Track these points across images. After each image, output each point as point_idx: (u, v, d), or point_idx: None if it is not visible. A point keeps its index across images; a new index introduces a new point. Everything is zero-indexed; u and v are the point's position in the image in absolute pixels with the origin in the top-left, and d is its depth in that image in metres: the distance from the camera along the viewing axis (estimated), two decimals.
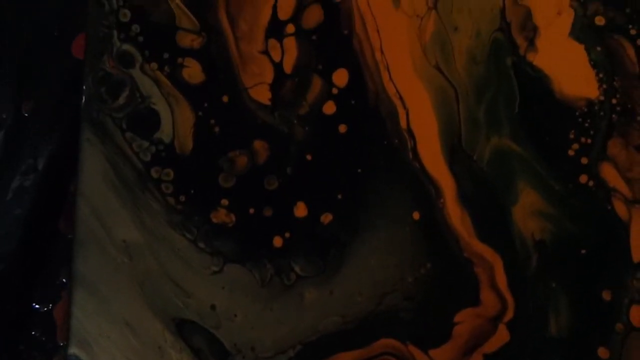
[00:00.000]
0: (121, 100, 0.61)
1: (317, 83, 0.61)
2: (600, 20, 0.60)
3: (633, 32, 0.61)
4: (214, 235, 0.59)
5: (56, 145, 0.75)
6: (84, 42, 0.68)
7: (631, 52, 0.61)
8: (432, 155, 0.60)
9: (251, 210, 0.59)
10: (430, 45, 0.62)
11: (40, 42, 0.81)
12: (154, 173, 0.59)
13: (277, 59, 0.61)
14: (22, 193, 0.77)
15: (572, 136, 0.60)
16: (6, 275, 0.76)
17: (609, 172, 0.60)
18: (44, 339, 0.70)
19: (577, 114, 0.61)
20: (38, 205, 0.77)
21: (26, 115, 0.80)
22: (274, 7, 0.63)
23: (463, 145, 0.60)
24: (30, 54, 0.81)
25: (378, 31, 0.62)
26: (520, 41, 0.62)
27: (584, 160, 0.59)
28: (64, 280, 0.70)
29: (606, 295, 0.58)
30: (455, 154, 0.60)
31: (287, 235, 0.59)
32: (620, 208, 0.59)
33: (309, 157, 0.59)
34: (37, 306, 0.68)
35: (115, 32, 0.62)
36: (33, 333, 0.70)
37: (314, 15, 0.62)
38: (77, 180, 0.60)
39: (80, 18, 0.74)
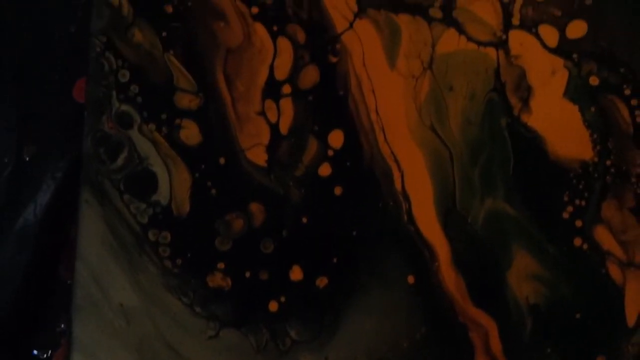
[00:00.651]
0: (119, 161, 0.59)
1: (313, 144, 0.59)
2: (594, 80, 0.58)
3: (627, 92, 0.59)
4: (210, 299, 0.56)
5: (57, 190, 0.72)
6: (84, 86, 0.67)
7: (625, 112, 0.59)
8: (426, 218, 0.58)
9: (247, 274, 0.57)
10: (425, 106, 0.59)
11: (42, 85, 0.78)
12: (151, 236, 0.57)
13: (273, 119, 0.59)
14: (23, 238, 0.75)
15: (566, 198, 0.57)
16: (6, 321, 0.74)
17: (603, 235, 0.57)
18: None
19: (571, 175, 0.59)
20: (38, 251, 0.75)
21: (27, 159, 0.77)
22: (271, 67, 0.60)
23: (458, 207, 0.58)
24: (31, 98, 0.79)
25: (373, 92, 0.60)
26: (515, 102, 0.59)
27: (578, 223, 0.57)
28: (63, 326, 0.67)
29: None
30: (449, 216, 0.58)
31: (282, 299, 0.57)
32: (614, 271, 0.57)
33: (304, 220, 0.57)
34: (36, 352, 0.65)
35: (114, 93, 0.59)
36: None
37: (310, 76, 0.60)
38: (76, 229, 0.58)
39: (81, 62, 0.70)
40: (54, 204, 0.74)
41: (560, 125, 0.60)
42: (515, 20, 0.63)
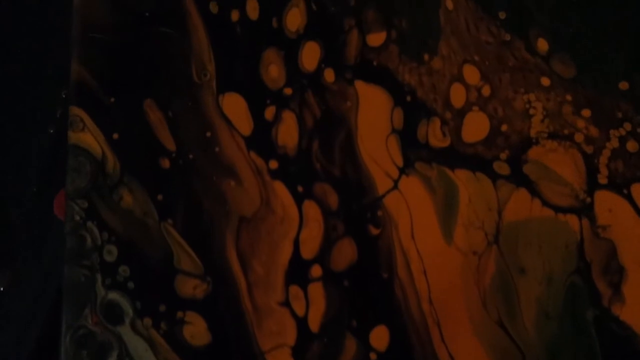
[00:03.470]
0: None
1: (351, 346, 0.38)
2: None
3: None
4: None
5: (40, 327, 0.56)
6: (65, 200, 0.46)
7: None
8: None
9: None
10: (491, 293, 0.36)
11: (17, 201, 0.59)
12: None
13: (300, 312, 0.36)
14: None
15: None
16: None
17: None
18: None
19: None
20: None
21: (1, 289, 0.58)
22: (296, 242, 0.36)
23: None
24: (5, 216, 0.59)
25: (425, 274, 0.37)
26: (603, 288, 0.37)
27: None
28: None
29: None
30: None
31: None
32: None
33: None
34: None
35: (99, 277, 0.35)
36: None
37: (345, 253, 0.37)
38: None
39: (61, 172, 0.49)
40: (37, 343, 0.52)
41: None
42: (602, 178, 0.40)
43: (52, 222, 0.59)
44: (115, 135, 0.46)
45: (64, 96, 0.60)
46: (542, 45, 0.47)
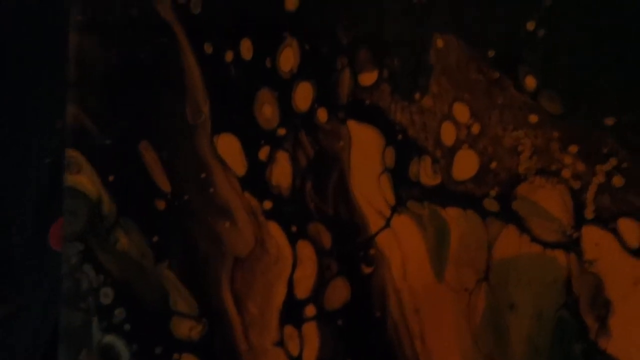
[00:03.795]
0: None
1: None
2: None
3: None
4: None
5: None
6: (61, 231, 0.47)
7: None
8: None
9: None
10: (482, 329, 0.37)
11: (12, 232, 0.57)
12: None
13: (294, 352, 0.37)
14: None
15: None
16: None
17: None
18: None
19: None
20: None
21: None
22: (290, 283, 0.36)
23: None
24: (2, 246, 0.58)
25: (418, 312, 0.36)
26: (591, 322, 0.37)
27: None
28: None
29: None
30: None
31: None
32: None
33: None
34: None
35: (95, 319, 0.35)
36: None
37: (338, 293, 0.37)
38: None
39: (58, 203, 0.49)
40: None
41: None
42: (589, 213, 0.40)
43: (49, 252, 0.58)
44: (111, 177, 0.45)
45: (59, 127, 0.59)
46: (530, 82, 0.47)
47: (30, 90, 0.62)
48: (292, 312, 0.44)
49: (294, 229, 0.45)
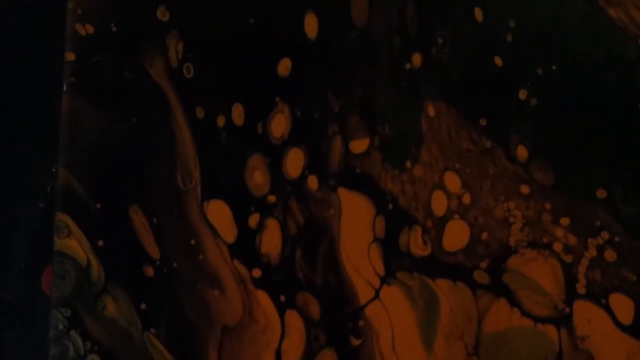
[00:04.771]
0: None
1: None
2: None
3: None
4: None
5: None
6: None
7: None
8: None
9: None
10: None
11: (6, 275, 0.54)
12: None
13: None
14: None
15: None
16: None
17: None
18: None
19: None
20: None
21: None
22: (278, 353, 0.33)
23: None
24: None
25: None
26: None
27: None
28: None
29: None
30: None
31: None
32: None
33: None
34: None
35: None
36: None
37: None
38: None
39: (50, 247, 0.46)
40: None
41: None
42: (581, 288, 0.37)
43: (41, 296, 0.56)
44: (100, 242, 0.43)
45: (54, 170, 0.57)
46: (522, 152, 0.45)
47: (24, 133, 0.59)
48: None
49: (282, 298, 0.43)
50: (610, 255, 0.45)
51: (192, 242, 0.45)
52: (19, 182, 0.60)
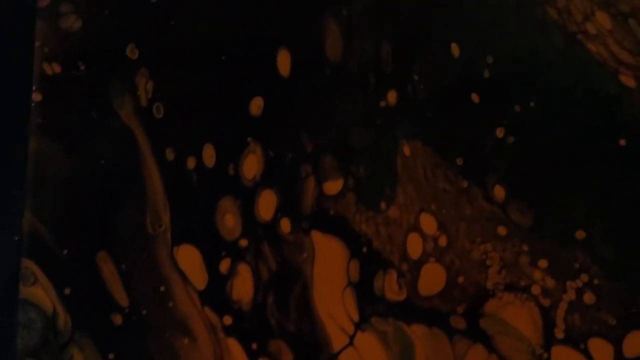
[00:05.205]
0: None
1: None
2: None
3: None
4: None
5: None
6: None
7: None
8: None
9: None
10: None
11: None
12: None
13: None
14: None
15: None
16: None
17: None
18: None
19: None
20: None
21: None
22: None
23: None
24: None
25: None
26: None
27: None
28: None
29: None
30: None
31: None
32: None
33: None
34: None
35: None
36: None
37: None
38: None
39: None
40: None
41: None
42: (559, 333, 0.35)
43: (16, 328, 0.54)
44: (67, 290, 0.41)
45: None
46: (499, 192, 0.43)
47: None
48: None
49: (254, 346, 0.41)
50: (589, 298, 0.44)
51: (162, 288, 0.43)
52: None
